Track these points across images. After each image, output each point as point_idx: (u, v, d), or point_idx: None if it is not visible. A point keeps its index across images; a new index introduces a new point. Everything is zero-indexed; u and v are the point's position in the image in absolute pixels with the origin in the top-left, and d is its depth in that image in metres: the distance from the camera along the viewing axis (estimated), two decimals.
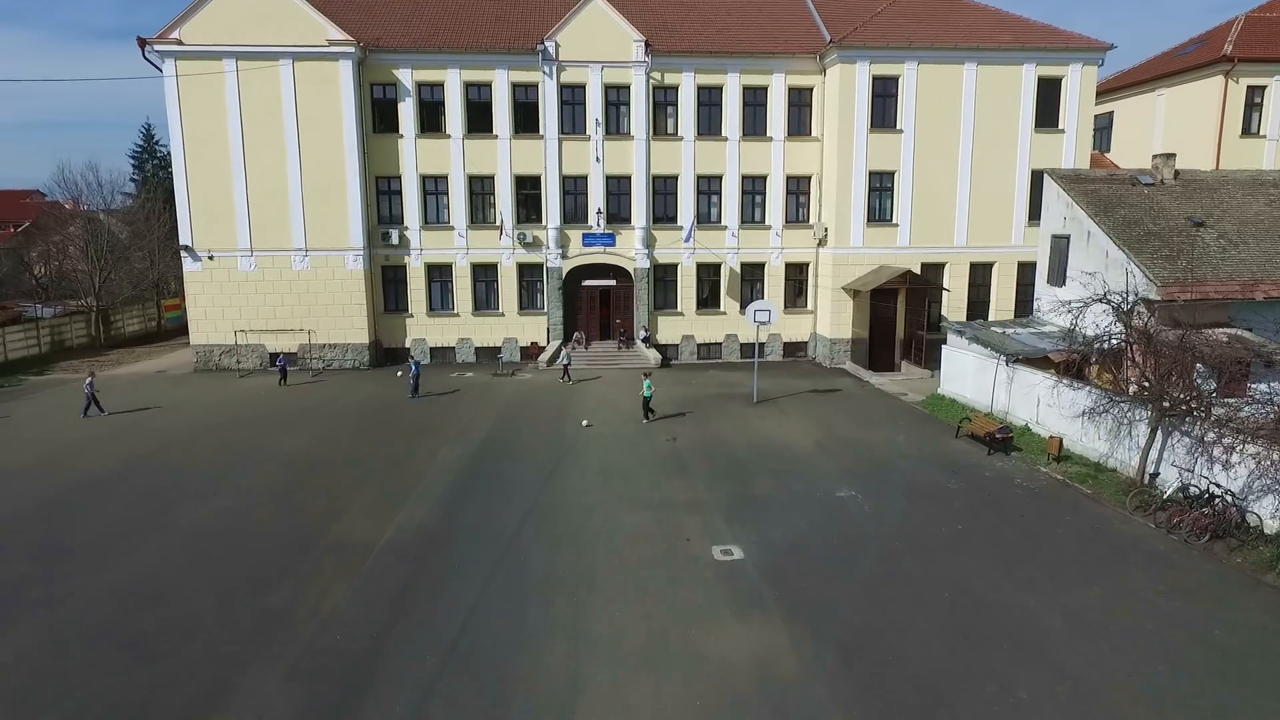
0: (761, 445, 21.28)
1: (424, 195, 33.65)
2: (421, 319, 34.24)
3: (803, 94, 34.07)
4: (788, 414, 24.97)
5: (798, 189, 34.79)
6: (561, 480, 18.33)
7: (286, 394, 28.20)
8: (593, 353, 34.07)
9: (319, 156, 31.71)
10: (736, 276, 34.87)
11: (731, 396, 27.65)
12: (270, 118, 31.34)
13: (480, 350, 34.53)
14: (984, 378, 24.64)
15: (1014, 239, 33.40)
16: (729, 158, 34.01)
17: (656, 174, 34.00)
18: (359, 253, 32.50)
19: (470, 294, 34.26)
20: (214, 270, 32.19)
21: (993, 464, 19.68)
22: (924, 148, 32.37)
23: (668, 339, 35.11)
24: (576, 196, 34.20)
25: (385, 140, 32.96)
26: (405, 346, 34.30)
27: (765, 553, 14.16)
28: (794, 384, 29.88)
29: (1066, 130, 32.83)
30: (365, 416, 24.70)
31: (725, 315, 35.15)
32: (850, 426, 23.38)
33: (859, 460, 19.90)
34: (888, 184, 32.94)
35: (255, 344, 32.77)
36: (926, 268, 33.07)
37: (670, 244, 34.39)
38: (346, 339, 32.99)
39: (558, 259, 34.08)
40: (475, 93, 33.16)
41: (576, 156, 33.56)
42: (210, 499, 17.06)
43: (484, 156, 33.31)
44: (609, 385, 29.43)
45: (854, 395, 28.07)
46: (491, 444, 21.42)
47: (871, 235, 32.94)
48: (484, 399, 27.25)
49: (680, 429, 22.98)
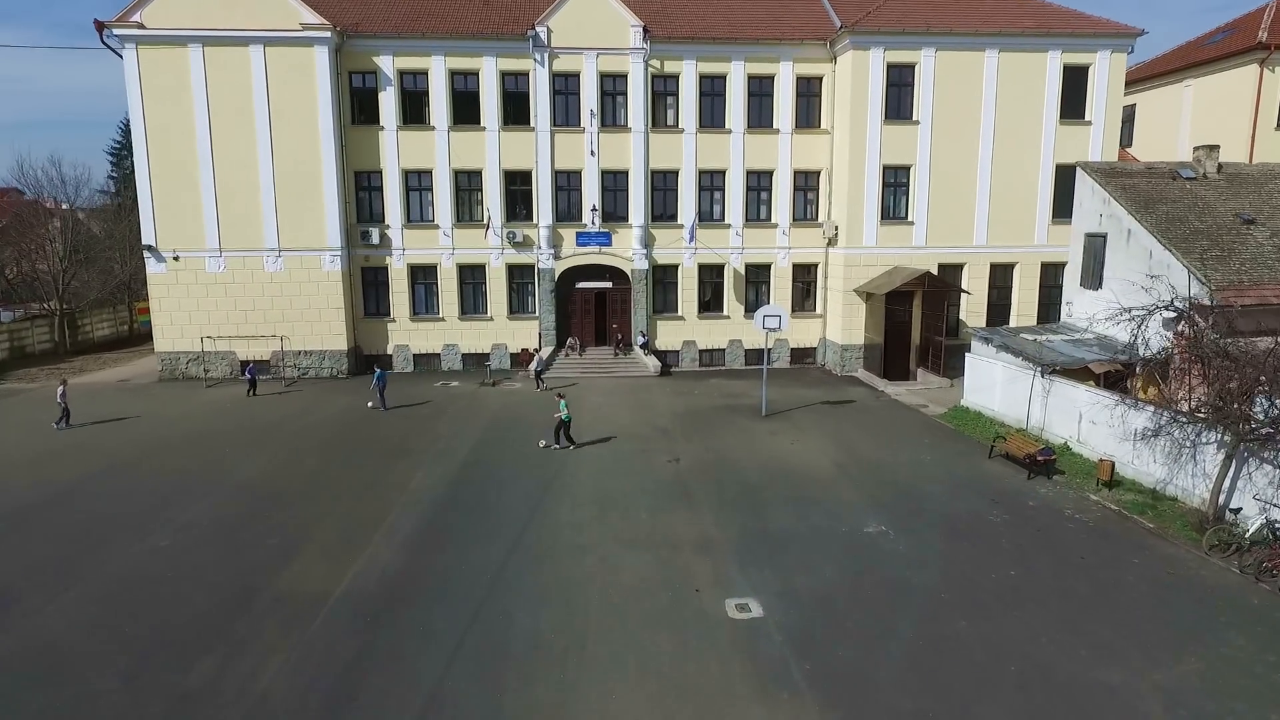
0: (774, 467, 19.11)
1: (406, 191, 31.43)
2: (404, 324, 32.02)
3: (812, 84, 31.91)
4: (801, 429, 22.82)
5: (806, 185, 32.64)
6: (551, 512, 16.14)
7: (254, 407, 25.96)
8: (588, 360, 31.88)
9: (293, 150, 29.46)
10: (741, 278, 32.72)
11: (738, 408, 25.48)
12: (240, 108, 29.08)
13: (467, 357, 32.31)
14: (1015, 390, 22.49)
15: (1037, 238, 31.29)
16: (733, 152, 31.85)
17: (656, 169, 31.84)
18: (336, 253, 30.27)
19: (456, 297, 32.05)
20: (180, 272, 29.91)
21: (1035, 490, 17.53)
22: (942, 140, 30.24)
23: (668, 345, 32.94)
24: (570, 193, 32.02)
25: (365, 132, 30.72)
26: (387, 353, 32.07)
27: (789, 608, 11.99)
28: (804, 394, 27.72)
29: (1093, 122, 30.72)
30: (337, 433, 22.47)
31: (729, 319, 32.98)
32: (870, 444, 21.23)
33: (885, 486, 17.74)
34: (903, 179, 30.81)
35: (225, 351, 30.51)
36: (944, 269, 30.94)
37: (670, 244, 32.22)
38: (323, 345, 30.75)
39: (550, 260, 31.89)
40: (461, 81, 30.95)
41: (570, 150, 31.38)
42: (146, 536, 14.83)
43: (471, 150, 31.10)
44: (604, 395, 27.25)
45: (870, 407, 25.92)
46: (473, 466, 19.21)
47: (885, 234, 30.80)
48: (469, 412, 25.04)
49: (683, 447, 20.81)
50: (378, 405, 25.25)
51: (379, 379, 25.48)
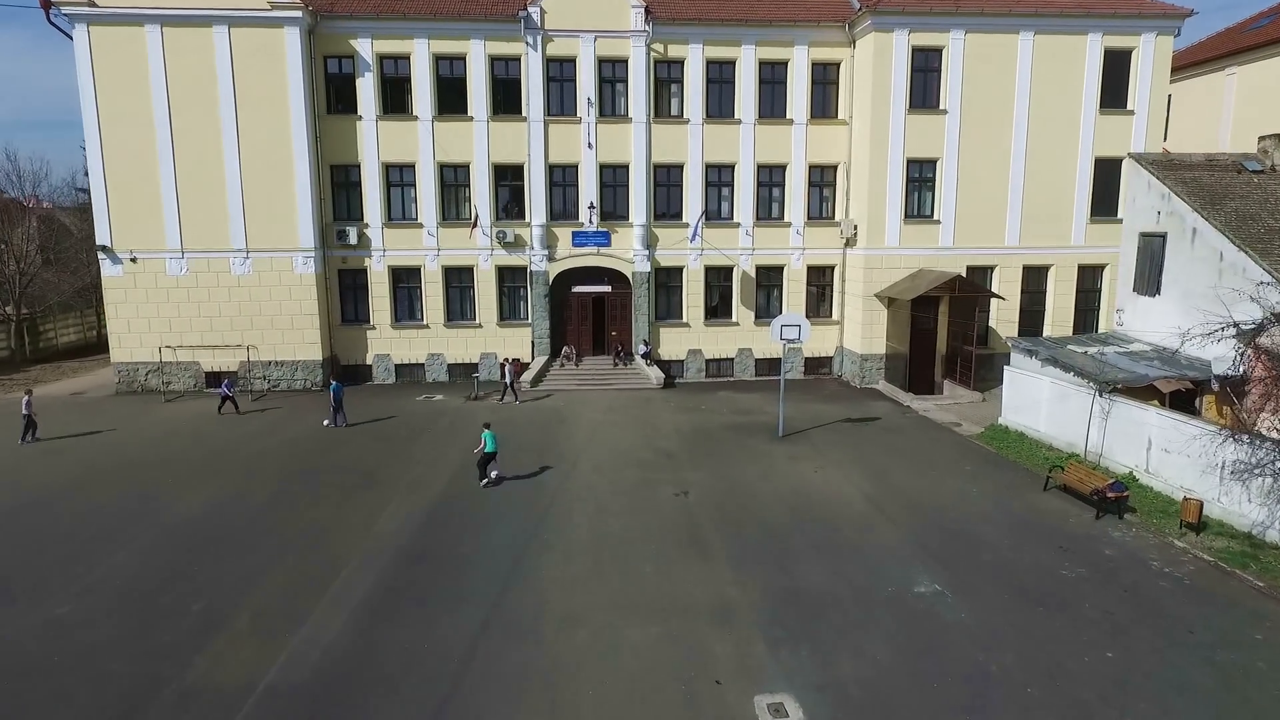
0: (799, 502, 16.51)
1: (387, 187, 28.83)
2: (385, 331, 29.40)
3: (828, 70, 29.33)
4: (823, 453, 20.23)
5: (822, 180, 30.05)
6: (537, 565, 13.54)
7: (213, 426, 23.32)
8: (584, 370, 29.29)
9: (262, 141, 26.85)
10: (751, 281, 30.12)
11: (751, 427, 22.87)
12: (203, 95, 26.46)
13: (454, 368, 29.71)
14: (1067, 410, 19.90)
15: (1074, 238, 28.71)
16: (743, 144, 29.25)
17: (658, 163, 29.24)
18: (310, 254, 27.65)
19: (442, 302, 29.44)
20: (138, 275, 27.30)
21: (1107, 533, 14.92)
22: (971, 131, 27.64)
23: (671, 354, 30.35)
24: (565, 189, 29.43)
25: (341, 123, 28.12)
26: (366, 363, 29.48)
27: (836, 712, 9.39)
28: (822, 410, 25.12)
29: (1136, 111, 28.13)
30: (300, 458, 19.86)
31: (738, 326, 30.38)
32: (905, 471, 18.64)
33: (930, 527, 15.13)
34: (928, 174, 28.22)
35: (188, 362, 27.90)
36: (972, 272, 28.34)
37: (674, 244, 29.62)
38: (296, 355, 28.13)
39: (543, 261, 29.28)
40: (447, 67, 28.35)
41: (565, 142, 28.79)
42: (41, 601, 12.22)
43: (457, 142, 28.50)
44: (602, 411, 24.65)
45: (897, 425, 23.32)
46: (449, 502, 16.60)
47: (909, 234, 28.20)
48: (451, 432, 22.44)
49: (691, 476, 18.21)
50: (332, 423, 23.02)
51: (335, 393, 23.05)
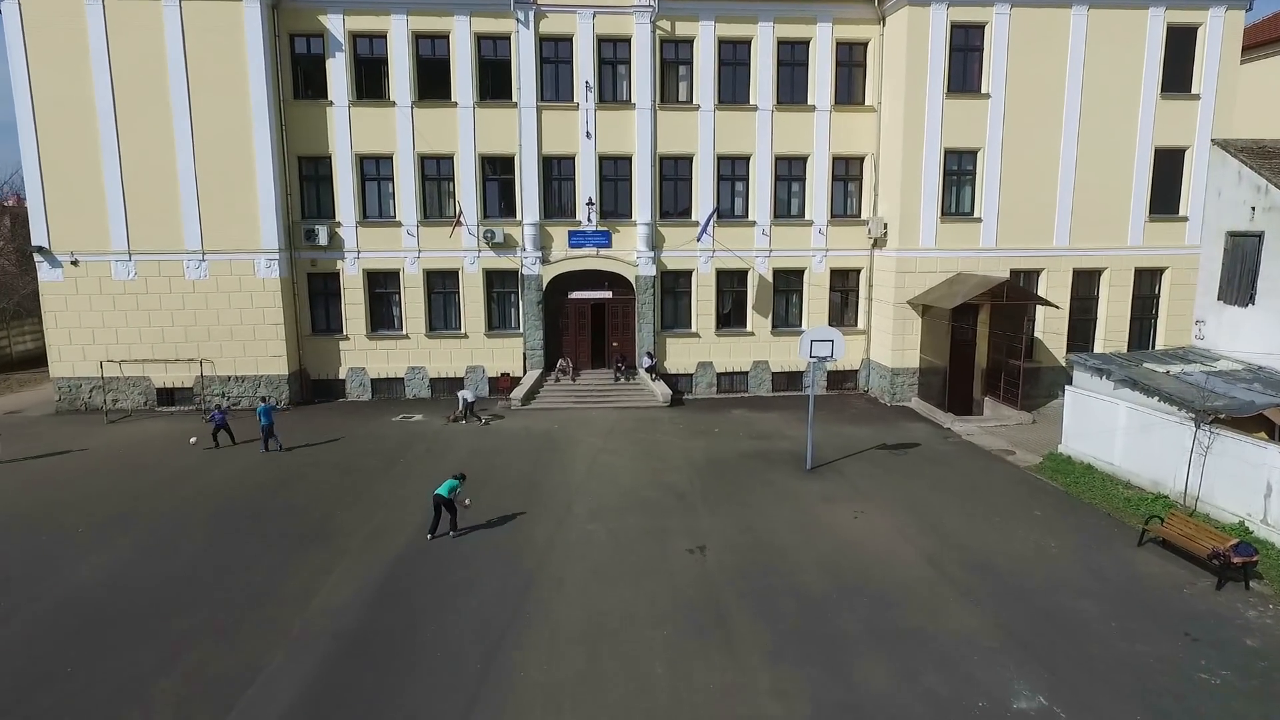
0: (842, 562, 13.46)
1: (361, 181, 25.80)
2: (360, 342, 26.36)
3: (854, 50, 26.28)
4: (861, 490, 17.18)
5: (847, 174, 27.00)
6: (512, 662, 10.47)
7: (154, 455, 20.26)
8: (582, 386, 26.25)
9: (219, 130, 23.83)
10: (768, 286, 27.06)
11: (772, 456, 19.82)
12: (151, 78, 23.45)
13: (437, 382, 26.67)
14: (1149, 442, 16.83)
15: (1130, 238, 25.62)
16: (759, 133, 26.20)
17: (665, 154, 26.20)
18: (274, 256, 24.62)
19: (424, 309, 26.40)
20: (79, 279, 24.27)
21: (1239, 612, 11.84)
22: (1016, 119, 24.58)
23: (679, 367, 27.29)
24: (561, 183, 26.40)
25: (310, 109, 25.10)
26: (339, 378, 26.44)
27: None
28: (853, 434, 22.08)
29: (1202, 96, 25.02)
30: (243, 500, 16.82)
31: (753, 337, 27.32)
32: (964, 517, 15.58)
33: (1013, 601, 12.07)
34: (968, 167, 25.16)
35: (136, 377, 24.88)
36: (1016, 275, 25.31)
37: (682, 245, 26.57)
38: (259, 369, 25.10)
39: (536, 264, 26.24)
40: (428, 47, 25.33)
41: (561, 131, 25.76)
42: None
43: (440, 131, 25.47)
44: (602, 435, 21.62)
45: (941, 453, 20.25)
46: (414, 561, 13.55)
47: (946, 233, 25.14)
48: (428, 461, 19.41)
49: (708, 525, 15.16)
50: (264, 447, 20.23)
51: (263, 416, 20.19)
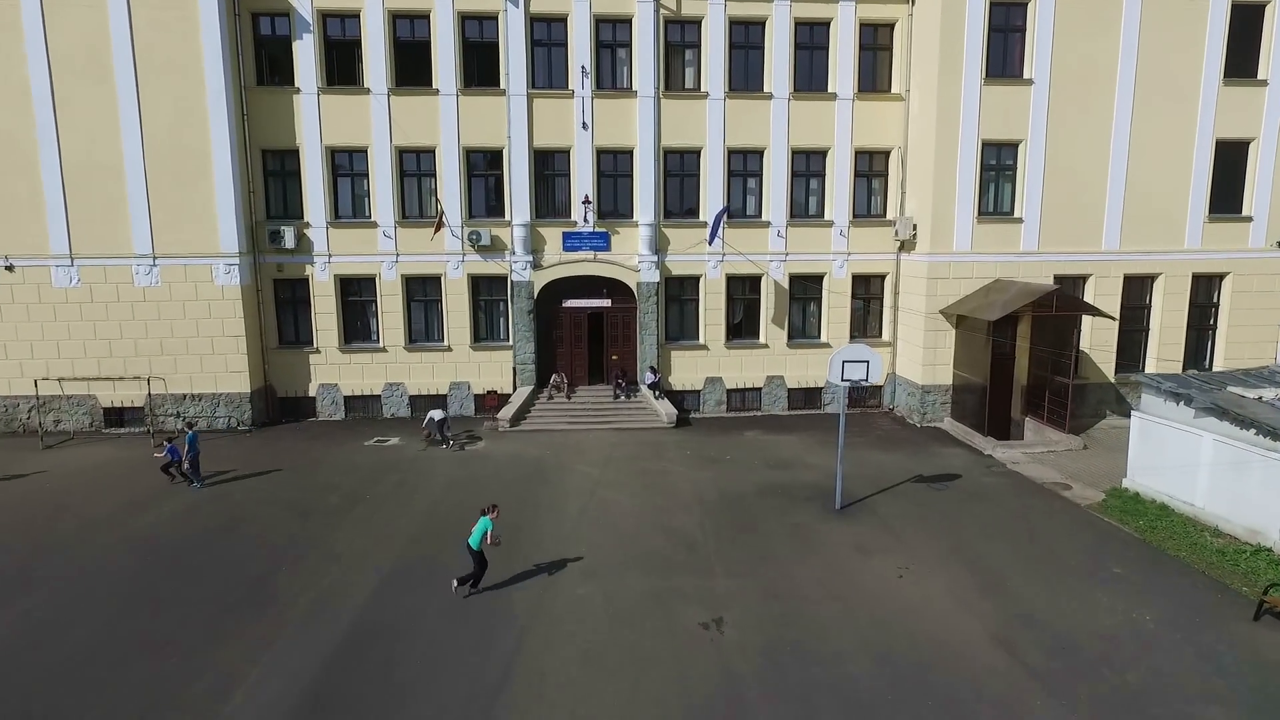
0: (891, 643, 10.87)
1: (333, 177, 23.26)
2: (332, 356, 23.80)
3: (880, 32, 23.74)
4: (903, 539, 14.61)
5: (871, 169, 24.44)
6: None
7: (86, 489, 17.69)
8: (578, 405, 23.67)
9: (171, 120, 21.29)
10: (784, 294, 24.49)
11: (794, 491, 17.24)
12: (94, 62, 20.91)
13: (418, 400, 24.10)
14: (1245, 482, 14.25)
15: (1188, 240, 23.07)
16: (774, 124, 23.64)
17: (670, 147, 23.65)
18: (234, 261, 22.07)
19: (402, 319, 23.83)
20: (15, 287, 21.74)
21: None
22: (1062, 107, 22.04)
23: (685, 383, 24.72)
24: (554, 179, 23.86)
25: (274, 97, 22.56)
26: (309, 395, 23.87)
27: None
28: (882, 463, 19.50)
29: (1270, 82, 22.49)
30: (172, 550, 14.23)
31: (767, 349, 24.74)
32: (1030, 575, 13.00)
33: (1117, 707, 9.48)
34: (1008, 161, 22.60)
35: (81, 395, 22.33)
36: (1060, 282, 22.73)
37: (689, 248, 24.01)
38: (217, 387, 22.55)
39: (527, 269, 23.68)
40: (406, 28, 22.79)
41: (554, 122, 23.20)
42: None
43: (420, 121, 22.93)
44: (598, 464, 19.05)
45: (988, 488, 17.67)
46: (361, 643, 10.96)
47: (983, 235, 22.58)
48: (395, 500, 16.83)
49: (724, 588, 12.59)
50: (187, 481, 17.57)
51: (190, 444, 17.42)
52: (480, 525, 12.07)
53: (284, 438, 21.93)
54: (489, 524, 12.11)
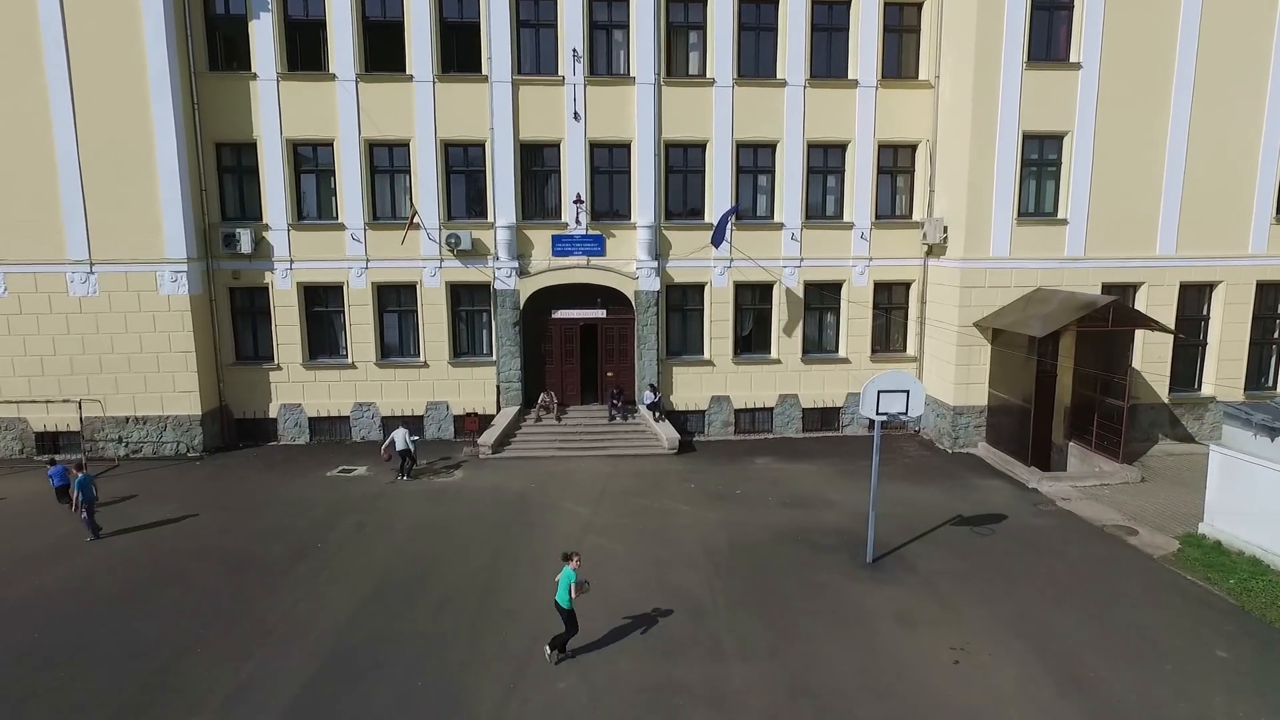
0: None
1: (295, 174, 20.84)
2: (295, 373, 21.37)
3: (906, 12, 21.31)
4: (953, 605, 12.16)
5: (896, 165, 22.01)
6: None
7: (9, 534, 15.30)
8: (569, 427, 21.22)
9: (109, 109, 18.87)
10: (798, 303, 22.03)
11: (817, 539, 14.77)
12: (19, 40, 18.49)
13: (391, 422, 21.62)
14: None
15: (1252, 244, 20.62)
16: (788, 114, 21.21)
17: (672, 140, 21.21)
18: (181, 268, 19.64)
19: (373, 332, 21.40)
20: None
21: None
22: (1114, 94, 19.60)
23: (689, 402, 22.27)
24: (542, 176, 21.43)
25: (229, 84, 20.13)
26: (269, 416, 21.43)
27: None
28: (911, 497, 17.05)
29: None
30: (71, 621, 11.78)
31: (779, 365, 22.29)
32: (1114, 663, 10.53)
33: None
34: (1051, 155, 20.16)
35: (11, 419, 19.89)
36: (1109, 291, 20.35)
37: (693, 252, 21.57)
38: (164, 408, 20.12)
39: (512, 276, 21.24)
40: (377, 6, 20.37)
41: (543, 112, 20.77)
42: None
43: (392, 111, 20.51)
44: (589, 502, 16.60)
45: (1039, 532, 15.20)
46: None
47: (1023, 239, 20.14)
48: (349, 549, 14.37)
49: (742, 673, 10.14)
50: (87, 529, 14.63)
51: (81, 489, 14.42)
52: (564, 578, 10.32)
53: (237, 466, 19.50)
54: (572, 575, 10.31)
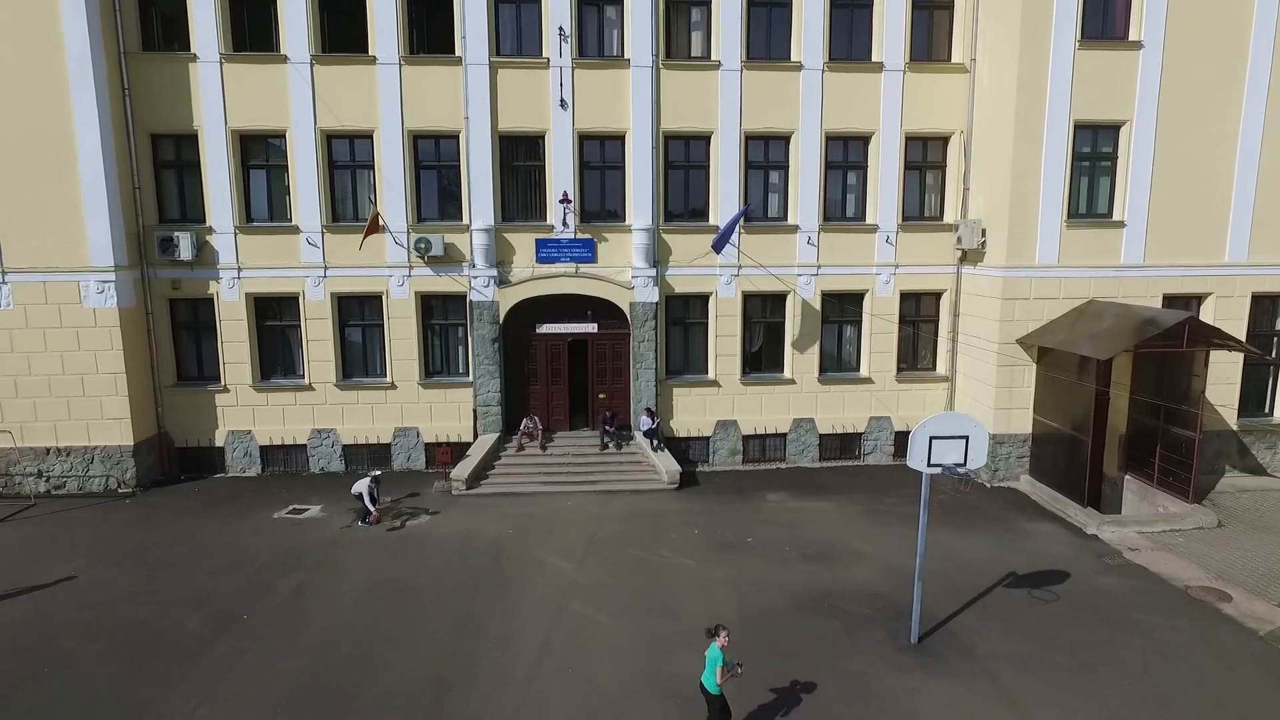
0: None
1: (243, 170, 18.30)
2: (245, 395, 18.81)
3: None
4: (1021, 708, 9.67)
5: (925, 159, 19.46)
6: None
7: None
8: (555, 458, 18.68)
9: (18, 97, 16.30)
10: (814, 316, 19.49)
11: (845, 606, 12.25)
12: None
13: (354, 451, 19.13)
14: None
15: None
16: (803, 102, 18.66)
17: (671, 131, 18.66)
18: (109, 277, 17.09)
19: (333, 349, 18.85)
20: None
21: None
22: (1179, 78, 17.07)
23: (690, 427, 19.71)
24: (525, 172, 18.88)
25: (165, 66, 17.59)
26: (216, 444, 18.88)
27: None
28: (953, 546, 14.52)
29: None
30: None
31: (793, 386, 19.73)
32: None
33: None
34: (1106, 147, 17.62)
35: None
36: (1171, 303, 17.84)
37: (695, 258, 19.03)
38: (91, 438, 17.57)
39: (490, 286, 18.69)
40: None
41: (525, 99, 18.22)
42: None
43: (353, 98, 17.97)
44: (574, 554, 14.05)
45: (1110, 595, 12.66)
46: None
47: (1073, 244, 17.60)
48: (282, 621, 11.83)
49: None
50: None
51: None
52: (711, 659, 8.57)
53: (172, 506, 16.96)
54: (720, 656, 8.54)
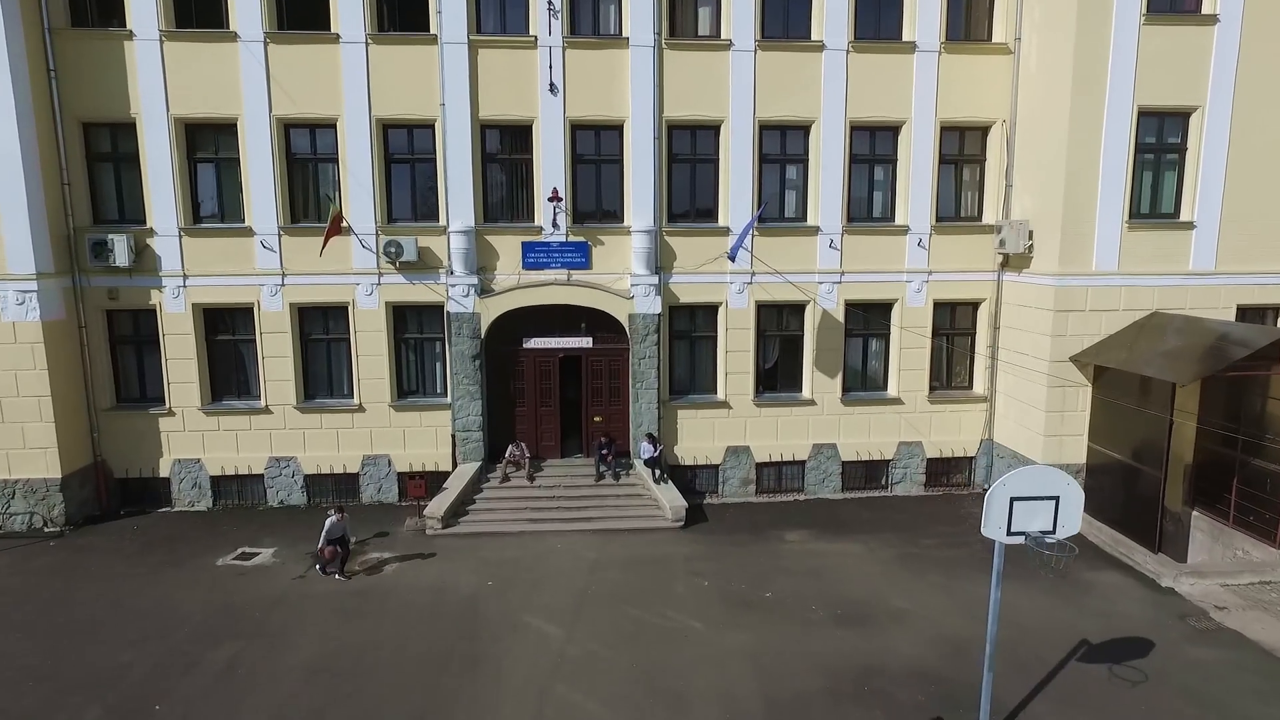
0: None
1: (189, 164, 16.07)
2: (193, 419, 16.59)
3: None
4: None
5: (962, 152, 17.27)
6: None
7: None
8: (544, 490, 16.47)
9: None
10: (837, 329, 17.26)
11: (889, 690, 10.12)
12: None
13: (316, 482, 16.92)
14: None
15: None
16: (825, 87, 16.45)
17: (675, 120, 16.44)
18: (30, 286, 14.88)
19: (293, 367, 16.63)
20: None
21: None
22: (1259, 58, 14.92)
23: (698, 454, 17.49)
24: (510, 166, 16.67)
25: (96, 45, 15.37)
26: (160, 475, 16.67)
27: None
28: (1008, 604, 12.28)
29: None
30: None
31: (812, 407, 17.52)
32: None
33: None
34: (1172, 137, 15.45)
35: None
36: (1245, 314, 15.68)
37: (703, 264, 16.82)
38: (11, 469, 15.35)
39: (470, 295, 16.46)
40: None
41: (509, 83, 16.02)
42: None
43: (313, 81, 15.76)
44: (561, 617, 11.87)
45: (1207, 675, 10.52)
46: None
47: (1135, 247, 15.42)
48: (199, 715, 9.65)
49: None
50: None
51: None
52: None
53: (103, 548, 14.77)
54: None
